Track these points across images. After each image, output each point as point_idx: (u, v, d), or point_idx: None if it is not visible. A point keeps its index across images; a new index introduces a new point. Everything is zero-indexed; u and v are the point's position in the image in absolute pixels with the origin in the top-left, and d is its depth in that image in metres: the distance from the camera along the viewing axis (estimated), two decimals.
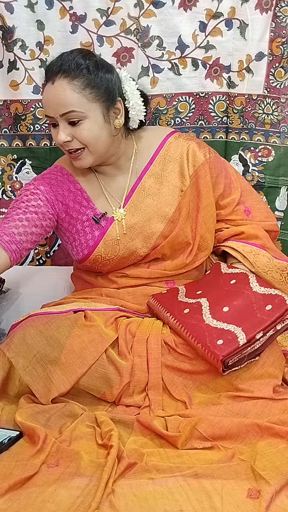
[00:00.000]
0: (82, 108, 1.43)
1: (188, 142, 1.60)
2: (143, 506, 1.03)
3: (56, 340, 1.37)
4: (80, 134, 1.44)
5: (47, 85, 1.45)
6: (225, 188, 1.61)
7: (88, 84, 1.43)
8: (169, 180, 1.57)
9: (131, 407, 1.38)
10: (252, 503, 1.03)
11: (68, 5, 1.85)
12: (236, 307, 1.38)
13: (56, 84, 1.42)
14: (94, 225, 1.55)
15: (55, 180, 1.56)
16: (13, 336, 1.39)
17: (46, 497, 1.05)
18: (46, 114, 1.47)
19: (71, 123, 1.44)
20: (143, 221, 1.55)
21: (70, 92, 1.42)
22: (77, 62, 1.44)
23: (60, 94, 1.42)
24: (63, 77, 1.42)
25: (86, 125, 1.44)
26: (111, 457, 1.13)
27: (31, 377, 1.35)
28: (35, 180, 1.57)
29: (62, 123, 1.44)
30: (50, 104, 1.45)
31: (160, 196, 1.56)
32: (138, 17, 1.85)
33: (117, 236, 1.54)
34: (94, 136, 1.46)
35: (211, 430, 1.23)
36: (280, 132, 1.91)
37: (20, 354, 1.35)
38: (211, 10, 1.84)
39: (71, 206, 1.55)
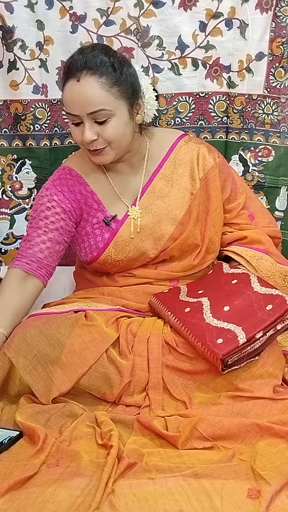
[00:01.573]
0: (111, 106, 1.41)
1: (198, 146, 1.62)
2: (143, 506, 1.03)
3: (57, 340, 1.37)
4: (107, 132, 1.43)
5: (71, 82, 1.41)
6: (232, 192, 1.63)
7: (116, 82, 1.42)
8: (180, 183, 1.58)
9: (131, 407, 1.38)
10: (252, 503, 1.03)
11: (68, 5, 1.85)
12: (236, 306, 1.38)
13: (82, 82, 1.39)
14: (104, 227, 1.55)
15: (66, 185, 1.55)
16: (14, 336, 1.39)
17: (46, 497, 1.05)
18: (70, 112, 1.44)
19: (98, 121, 1.42)
20: (153, 223, 1.56)
21: (98, 90, 1.40)
22: (102, 59, 1.41)
23: (88, 92, 1.40)
24: (89, 75, 1.39)
25: (112, 123, 1.43)
26: (111, 457, 1.13)
27: (32, 376, 1.35)
28: (47, 189, 1.55)
29: (88, 121, 1.42)
30: (76, 102, 1.41)
31: (171, 199, 1.57)
32: (138, 17, 1.85)
33: (130, 235, 1.54)
34: (119, 133, 1.45)
35: (211, 430, 1.23)
36: (280, 132, 1.91)
37: (21, 353, 1.35)
38: (211, 10, 1.84)
39: (83, 208, 1.55)
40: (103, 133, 1.43)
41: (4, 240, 2.01)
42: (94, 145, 1.45)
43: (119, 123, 1.44)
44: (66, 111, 1.45)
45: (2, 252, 2.02)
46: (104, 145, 1.45)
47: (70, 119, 1.46)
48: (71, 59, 1.44)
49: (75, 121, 1.44)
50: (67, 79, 1.43)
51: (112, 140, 1.45)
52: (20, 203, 1.99)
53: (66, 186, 1.54)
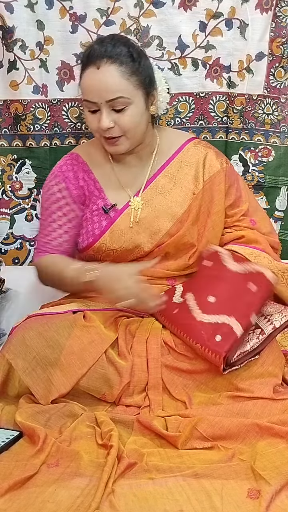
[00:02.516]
0: (129, 95, 1.44)
1: (207, 150, 1.64)
2: (143, 506, 1.03)
3: (56, 342, 1.37)
4: (124, 120, 1.46)
5: (90, 70, 1.44)
6: (235, 200, 1.64)
7: (135, 71, 1.45)
8: (183, 182, 1.59)
9: (131, 407, 1.38)
10: (252, 503, 1.03)
11: (68, 5, 1.85)
12: (221, 294, 1.38)
13: (102, 69, 1.42)
14: (102, 215, 1.56)
15: (72, 171, 1.59)
16: (12, 338, 1.39)
17: (46, 497, 1.05)
18: (88, 99, 1.46)
19: (116, 109, 1.45)
20: (152, 216, 1.57)
21: (118, 78, 1.43)
22: (122, 49, 1.45)
23: (108, 79, 1.43)
24: (109, 63, 1.43)
25: (130, 112, 1.46)
26: (111, 457, 1.13)
27: (31, 378, 1.34)
28: (55, 177, 1.60)
29: (106, 109, 1.45)
30: (95, 89, 1.44)
31: (172, 196, 1.58)
32: (138, 17, 1.85)
33: (129, 225, 1.55)
34: (135, 123, 1.48)
35: (211, 430, 1.23)
36: (280, 132, 1.91)
37: (20, 355, 1.35)
38: (211, 10, 1.85)
39: (86, 195, 1.58)
40: (120, 121, 1.46)
41: (4, 240, 2.01)
42: (110, 132, 1.47)
43: (135, 112, 1.47)
44: (84, 98, 1.48)
45: (2, 252, 2.01)
46: (120, 134, 1.48)
47: (87, 106, 1.48)
48: (90, 48, 1.48)
49: (92, 109, 1.47)
50: (86, 67, 1.46)
51: (128, 128, 1.47)
52: (20, 203, 1.99)
53: (72, 172, 1.59)
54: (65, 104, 1.94)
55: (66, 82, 1.92)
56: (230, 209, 1.63)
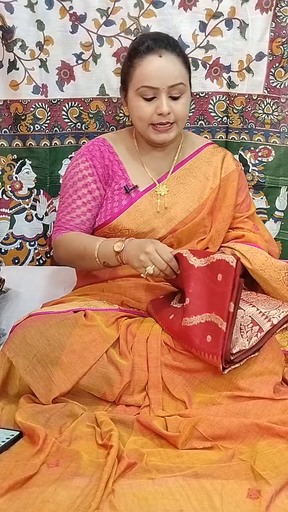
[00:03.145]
0: (186, 83, 1.54)
1: (225, 152, 1.75)
2: (143, 506, 1.03)
3: (57, 340, 1.37)
4: (179, 108, 1.53)
5: (152, 57, 1.50)
6: (243, 202, 1.71)
7: (186, 62, 1.56)
8: (201, 178, 1.66)
9: (131, 407, 1.38)
10: (252, 503, 1.03)
11: (68, 5, 1.85)
12: (194, 293, 1.38)
13: (165, 57, 1.50)
14: (123, 195, 1.60)
15: (98, 151, 1.62)
16: (13, 336, 1.39)
17: (46, 497, 1.05)
18: (149, 85, 1.50)
19: (172, 97, 1.52)
20: (170, 203, 1.62)
21: (179, 66, 1.52)
22: (174, 42, 1.55)
23: (171, 66, 1.51)
24: (170, 51, 1.51)
25: (183, 100, 1.54)
26: (111, 457, 1.13)
27: (32, 377, 1.34)
28: (81, 155, 1.62)
29: (164, 95, 1.50)
30: (158, 74, 1.49)
31: (190, 188, 1.65)
32: (138, 17, 1.86)
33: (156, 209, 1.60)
34: (186, 111, 1.58)
35: (211, 430, 1.23)
36: (280, 132, 1.91)
37: (21, 354, 1.35)
38: (211, 10, 1.85)
39: (110, 175, 1.62)
40: (176, 109, 1.53)
41: (4, 240, 2.01)
42: (166, 119, 1.52)
43: (187, 101, 1.57)
44: (143, 84, 1.51)
45: (2, 252, 2.02)
46: (172, 121, 1.54)
47: (142, 93, 1.52)
48: (144, 39, 1.54)
49: (149, 96, 1.51)
50: (145, 55, 1.51)
51: (181, 116, 1.55)
52: (20, 203, 1.99)
53: (99, 152, 1.62)
54: (65, 104, 1.94)
55: (66, 82, 1.92)
56: (238, 209, 1.69)
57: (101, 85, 1.92)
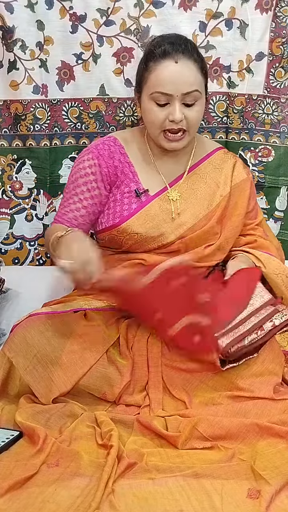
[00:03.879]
0: (201, 90, 1.51)
1: (236, 158, 1.72)
2: (143, 506, 1.03)
3: (57, 340, 1.37)
4: (192, 115, 1.51)
5: (168, 63, 1.47)
6: (253, 209, 1.70)
7: (203, 68, 1.52)
8: (211, 184, 1.64)
9: (131, 407, 1.38)
10: (252, 503, 1.03)
11: (68, 5, 1.85)
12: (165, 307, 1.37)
13: (181, 63, 1.47)
14: (133, 198, 1.58)
15: (108, 151, 1.60)
16: (14, 336, 1.39)
17: (46, 497, 1.05)
18: (162, 91, 1.48)
19: (187, 103, 1.49)
20: (180, 209, 1.60)
21: (195, 72, 1.49)
22: (192, 46, 1.52)
23: (186, 73, 1.48)
24: (187, 58, 1.48)
25: (197, 108, 1.52)
26: (111, 457, 1.13)
27: (32, 377, 1.35)
28: (89, 153, 1.60)
29: (178, 102, 1.48)
30: (173, 81, 1.47)
31: (200, 194, 1.62)
32: (138, 17, 1.85)
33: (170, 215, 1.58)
34: (199, 119, 1.55)
35: (211, 430, 1.23)
36: (280, 132, 1.91)
37: (21, 354, 1.35)
38: (211, 10, 1.85)
39: (118, 175, 1.59)
40: (189, 116, 1.50)
41: (4, 240, 2.01)
42: (179, 125, 1.50)
43: (201, 109, 1.54)
44: (157, 90, 1.48)
45: (2, 252, 2.02)
46: (185, 129, 1.52)
47: (156, 99, 1.49)
48: (161, 43, 1.51)
49: (162, 102, 1.49)
50: (161, 60, 1.48)
51: (194, 124, 1.53)
52: (20, 203, 1.99)
53: (108, 152, 1.59)
54: (65, 104, 1.94)
55: (66, 82, 1.92)
56: (248, 217, 1.68)
57: (101, 85, 1.92)
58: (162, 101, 1.49)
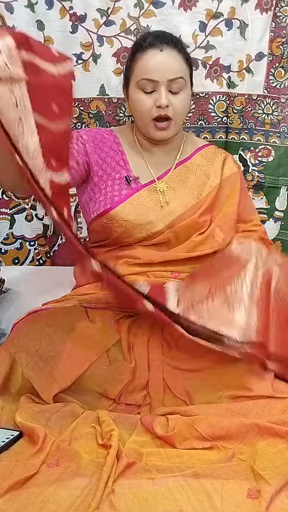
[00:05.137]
0: (186, 78, 1.56)
1: (226, 154, 1.76)
2: (143, 506, 1.03)
3: (59, 336, 1.37)
4: (178, 103, 1.54)
5: (152, 52, 1.53)
6: (245, 208, 1.72)
7: (188, 60, 1.58)
8: (201, 175, 1.67)
9: (132, 406, 1.38)
10: (252, 503, 1.03)
11: (68, 5, 1.85)
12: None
13: (166, 52, 1.53)
14: (123, 185, 1.61)
15: (100, 135, 1.65)
16: (16, 332, 1.40)
17: (46, 497, 1.05)
18: (148, 78, 1.52)
19: (172, 91, 1.53)
20: (168, 199, 1.63)
21: (180, 61, 1.55)
22: (176, 40, 1.58)
23: (171, 60, 1.53)
24: (171, 48, 1.54)
25: (183, 96, 1.56)
26: (110, 457, 1.13)
27: (34, 372, 1.35)
28: (85, 131, 1.67)
29: (163, 88, 1.52)
30: (159, 68, 1.52)
31: (189, 185, 1.66)
32: (138, 17, 1.86)
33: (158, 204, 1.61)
34: (185, 108, 1.59)
35: (211, 430, 1.23)
36: (280, 132, 1.92)
37: (23, 349, 1.36)
38: (211, 10, 1.85)
39: (108, 162, 1.63)
40: (175, 103, 1.54)
41: (4, 240, 2.01)
42: (165, 111, 1.54)
43: (187, 98, 1.58)
44: (143, 77, 1.53)
45: (2, 252, 2.02)
46: (171, 116, 1.55)
47: (142, 86, 1.54)
48: (147, 35, 1.57)
49: (149, 90, 1.53)
50: (146, 50, 1.54)
51: (180, 112, 1.56)
52: (20, 203, 1.99)
53: (100, 136, 1.65)
54: None
55: None
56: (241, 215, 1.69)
57: (101, 85, 1.93)
58: (149, 89, 1.53)
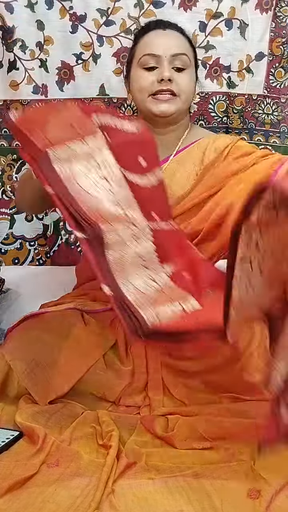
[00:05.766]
0: (191, 57, 1.53)
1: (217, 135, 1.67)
2: (143, 506, 1.03)
3: (54, 343, 1.36)
4: (182, 79, 1.50)
5: (155, 31, 1.52)
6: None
7: (191, 44, 1.56)
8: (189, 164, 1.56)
9: (131, 407, 1.37)
10: (252, 503, 1.03)
11: (68, 5, 1.85)
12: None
13: (168, 31, 1.53)
14: None
15: None
16: (11, 339, 1.39)
17: (46, 497, 1.05)
18: (151, 52, 1.48)
19: (176, 68, 1.49)
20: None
21: (183, 40, 1.54)
22: (177, 25, 1.57)
23: (174, 38, 1.52)
24: (174, 29, 1.54)
25: (187, 75, 1.51)
26: (110, 457, 1.13)
27: (30, 380, 1.34)
28: None
29: (166, 63, 1.48)
30: (161, 43, 1.50)
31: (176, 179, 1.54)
32: (138, 17, 1.86)
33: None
34: (190, 86, 1.53)
35: (211, 430, 1.23)
36: (280, 132, 1.91)
37: (18, 357, 1.35)
38: (211, 10, 1.85)
39: None
40: (179, 80, 1.49)
41: (4, 240, 2.01)
42: (168, 85, 1.47)
43: (191, 78, 1.53)
44: (146, 52, 1.49)
45: (2, 252, 2.02)
46: (175, 92, 1.48)
47: (144, 63, 1.49)
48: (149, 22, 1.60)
49: (150, 65, 1.49)
50: (149, 30, 1.53)
51: (184, 89, 1.50)
52: None
53: None
54: None
55: (66, 82, 1.92)
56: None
57: (101, 85, 1.92)
58: (151, 64, 1.48)
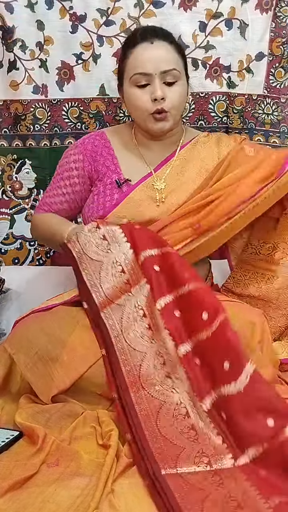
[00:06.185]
0: (179, 69, 1.53)
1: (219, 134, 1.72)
2: (143, 506, 1.03)
3: (58, 338, 1.37)
4: (174, 94, 1.51)
5: (144, 45, 1.51)
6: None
7: (180, 52, 1.56)
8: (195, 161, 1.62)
9: None
10: None
11: (68, 5, 1.85)
12: None
13: (156, 44, 1.51)
14: (115, 189, 1.59)
15: (91, 144, 1.64)
16: (15, 333, 1.39)
17: (46, 497, 1.05)
18: (142, 71, 1.50)
19: (167, 83, 1.51)
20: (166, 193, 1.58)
21: (172, 52, 1.53)
22: (166, 32, 1.56)
23: (163, 52, 1.51)
24: (162, 39, 1.52)
25: (178, 87, 1.52)
26: (109, 457, 1.13)
27: (32, 374, 1.34)
28: (76, 147, 1.67)
29: (157, 80, 1.49)
30: (150, 60, 1.49)
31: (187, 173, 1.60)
32: (138, 17, 1.86)
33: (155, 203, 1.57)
34: (181, 100, 1.55)
35: None
36: (280, 132, 1.91)
37: (22, 351, 1.35)
38: (211, 10, 1.85)
39: (99, 169, 1.62)
40: (170, 95, 1.51)
41: (4, 240, 2.01)
42: (161, 104, 1.50)
43: (182, 89, 1.54)
44: (136, 72, 1.51)
45: (2, 252, 2.02)
46: (168, 108, 1.51)
47: (136, 81, 1.51)
48: (137, 30, 1.59)
49: (142, 83, 1.51)
50: (137, 44, 1.52)
51: (176, 104, 1.52)
52: (20, 203, 1.99)
53: (91, 145, 1.64)
54: (65, 104, 1.94)
55: (66, 82, 1.93)
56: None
57: (101, 85, 1.93)
58: (143, 82, 1.50)
